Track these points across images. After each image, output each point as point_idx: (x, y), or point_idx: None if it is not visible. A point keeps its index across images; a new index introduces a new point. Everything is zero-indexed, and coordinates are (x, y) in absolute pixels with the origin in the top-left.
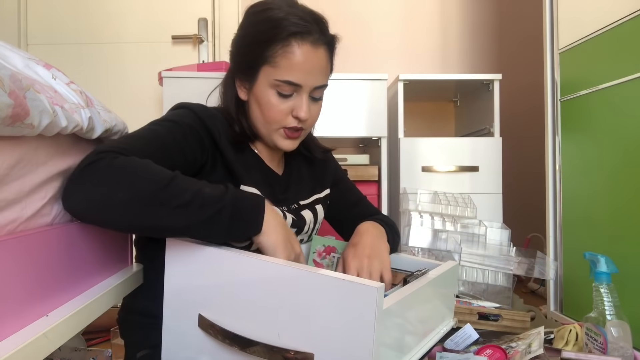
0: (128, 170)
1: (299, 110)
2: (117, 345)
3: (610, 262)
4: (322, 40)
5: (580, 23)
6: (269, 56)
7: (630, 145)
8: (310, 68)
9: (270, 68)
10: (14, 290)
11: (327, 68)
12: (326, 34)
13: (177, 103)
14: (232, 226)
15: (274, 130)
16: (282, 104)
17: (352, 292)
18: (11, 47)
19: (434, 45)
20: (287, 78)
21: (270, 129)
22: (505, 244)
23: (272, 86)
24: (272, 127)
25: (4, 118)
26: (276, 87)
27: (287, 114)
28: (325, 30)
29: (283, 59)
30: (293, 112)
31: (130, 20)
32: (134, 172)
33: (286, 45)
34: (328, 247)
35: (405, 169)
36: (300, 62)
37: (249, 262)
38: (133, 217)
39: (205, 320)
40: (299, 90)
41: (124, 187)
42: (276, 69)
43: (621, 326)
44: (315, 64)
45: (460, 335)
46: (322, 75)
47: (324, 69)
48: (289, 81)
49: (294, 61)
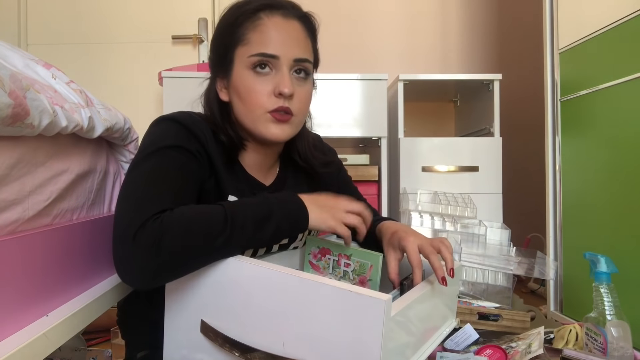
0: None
1: (280, 85)
2: (117, 345)
3: (610, 262)
4: (293, 14)
5: (580, 23)
6: (240, 35)
7: (631, 145)
8: (285, 38)
9: (243, 47)
10: (14, 290)
11: (305, 42)
12: (298, 8)
13: (157, 118)
14: (291, 231)
15: (259, 117)
16: (262, 84)
17: (359, 304)
18: (11, 47)
19: (434, 45)
20: (261, 50)
21: (255, 117)
22: (505, 244)
23: (248, 66)
24: (257, 114)
25: (4, 118)
26: (252, 66)
27: (269, 94)
28: (297, 6)
29: (254, 33)
30: (275, 91)
31: (130, 20)
32: (189, 229)
33: (255, 20)
34: (322, 249)
35: (405, 169)
36: (272, 32)
37: (252, 270)
38: (204, 264)
39: (208, 326)
40: (276, 63)
41: (186, 249)
42: (249, 46)
43: (621, 326)
44: (290, 34)
45: (460, 335)
46: (301, 48)
47: (302, 42)
48: (263, 53)
49: (265, 33)
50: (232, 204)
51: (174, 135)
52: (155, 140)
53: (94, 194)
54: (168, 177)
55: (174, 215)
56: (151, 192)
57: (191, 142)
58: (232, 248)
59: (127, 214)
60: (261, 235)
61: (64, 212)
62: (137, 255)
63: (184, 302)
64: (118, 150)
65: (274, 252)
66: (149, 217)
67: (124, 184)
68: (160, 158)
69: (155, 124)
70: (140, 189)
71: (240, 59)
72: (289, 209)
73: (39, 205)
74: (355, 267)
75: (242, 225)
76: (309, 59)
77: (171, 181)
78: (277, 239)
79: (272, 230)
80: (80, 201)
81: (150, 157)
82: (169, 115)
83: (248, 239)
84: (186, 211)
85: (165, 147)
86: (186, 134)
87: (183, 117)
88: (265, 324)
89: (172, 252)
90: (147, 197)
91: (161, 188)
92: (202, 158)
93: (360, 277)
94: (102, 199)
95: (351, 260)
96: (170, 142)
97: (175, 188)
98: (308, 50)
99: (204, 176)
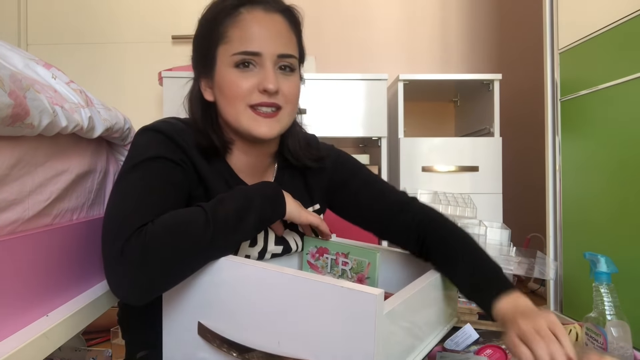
0: (166, 235)
1: (264, 81)
2: (117, 345)
3: (610, 262)
4: (275, 7)
5: (580, 23)
6: (221, 33)
7: (631, 145)
8: (266, 33)
9: (225, 45)
10: (14, 290)
11: (288, 36)
12: (279, 2)
13: (140, 128)
14: (273, 213)
15: (241, 112)
16: (244, 79)
17: (352, 300)
18: (11, 47)
19: (434, 45)
20: (242, 48)
21: (237, 112)
22: (505, 244)
23: (230, 64)
24: (239, 109)
25: (4, 118)
26: (234, 64)
27: (252, 89)
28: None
29: (235, 30)
30: (260, 87)
31: (130, 20)
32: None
33: (235, 16)
34: (320, 249)
35: (405, 169)
36: (253, 28)
37: (247, 270)
38: (196, 267)
39: (205, 328)
40: (260, 60)
41: (175, 254)
42: (231, 44)
43: (621, 326)
44: (271, 29)
45: (460, 335)
46: (284, 43)
47: (285, 36)
48: (246, 51)
49: (246, 29)
50: (210, 202)
51: (157, 145)
52: (140, 152)
53: (94, 194)
54: (152, 189)
55: (156, 224)
56: (134, 205)
57: (174, 151)
58: (220, 245)
59: (112, 230)
60: (245, 224)
61: (64, 212)
62: (128, 271)
63: (181, 304)
64: (118, 150)
65: (266, 259)
66: (133, 231)
67: (110, 198)
68: (143, 170)
69: (138, 135)
70: (124, 203)
71: (222, 58)
72: (266, 194)
73: (39, 205)
74: (353, 266)
75: (225, 219)
76: (293, 54)
77: (155, 192)
78: (262, 225)
79: (256, 217)
80: (80, 201)
81: (134, 170)
82: (151, 126)
83: (234, 231)
84: (167, 218)
85: (148, 159)
86: (169, 143)
87: (166, 127)
88: (261, 323)
89: (161, 260)
90: (131, 210)
91: (145, 200)
92: (187, 166)
93: (359, 275)
94: (102, 199)
95: (349, 259)
96: (153, 153)
97: (160, 199)
98: (292, 45)
99: (190, 184)
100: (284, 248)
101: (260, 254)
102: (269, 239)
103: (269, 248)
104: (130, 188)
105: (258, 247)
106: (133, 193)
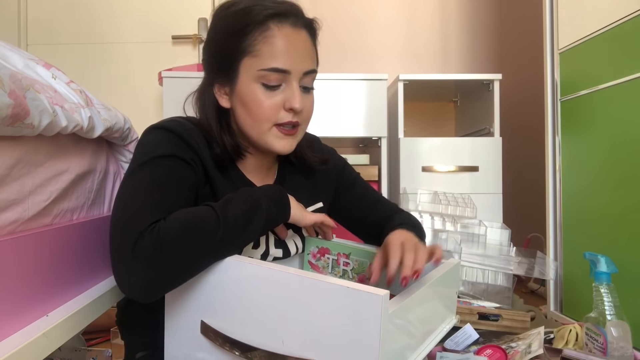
0: (180, 233)
1: (291, 100)
2: (117, 345)
3: (610, 262)
4: (301, 23)
5: (580, 23)
6: (248, 46)
7: (631, 145)
8: (295, 51)
9: (252, 59)
10: (14, 290)
11: (312, 52)
12: (304, 16)
13: (148, 127)
14: (278, 215)
15: (266, 130)
16: (271, 98)
17: (357, 300)
18: (11, 47)
19: (434, 45)
20: (273, 65)
21: (262, 130)
22: (505, 244)
23: (257, 79)
24: (264, 128)
25: (4, 118)
26: (261, 79)
27: (279, 108)
28: (302, 12)
29: (264, 45)
30: (285, 105)
31: (130, 20)
32: (186, 232)
33: (265, 30)
34: (322, 249)
35: (405, 169)
36: (284, 45)
37: (251, 269)
38: (205, 265)
39: (208, 326)
40: (287, 78)
41: (187, 252)
42: (258, 58)
43: (621, 326)
44: (300, 46)
45: (460, 335)
46: (309, 59)
47: (310, 52)
48: (275, 68)
49: (276, 45)
50: (219, 203)
51: (167, 144)
52: (148, 150)
53: (94, 194)
54: (162, 186)
55: (168, 222)
56: (146, 202)
57: (184, 150)
58: (229, 245)
59: (123, 226)
60: (253, 226)
61: (64, 212)
62: (140, 267)
63: (184, 303)
64: (118, 150)
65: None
66: (146, 227)
67: (118, 195)
68: (153, 167)
69: (146, 134)
70: (135, 200)
71: (248, 70)
72: (272, 197)
73: (39, 205)
74: (354, 266)
75: (234, 220)
76: (315, 69)
77: (166, 190)
78: (268, 227)
79: (263, 219)
80: (80, 201)
81: (143, 167)
82: (160, 124)
83: (242, 231)
84: (180, 216)
85: (158, 157)
86: (179, 142)
87: (174, 126)
88: (264, 323)
89: (174, 258)
90: (142, 207)
91: (155, 197)
92: (197, 166)
93: (360, 275)
94: (102, 199)
95: (350, 259)
96: (162, 151)
97: (172, 197)
98: (314, 60)
99: (199, 183)
100: (284, 251)
101: (262, 256)
102: (270, 242)
103: (271, 251)
104: (142, 184)
105: (261, 249)
106: (145, 189)
